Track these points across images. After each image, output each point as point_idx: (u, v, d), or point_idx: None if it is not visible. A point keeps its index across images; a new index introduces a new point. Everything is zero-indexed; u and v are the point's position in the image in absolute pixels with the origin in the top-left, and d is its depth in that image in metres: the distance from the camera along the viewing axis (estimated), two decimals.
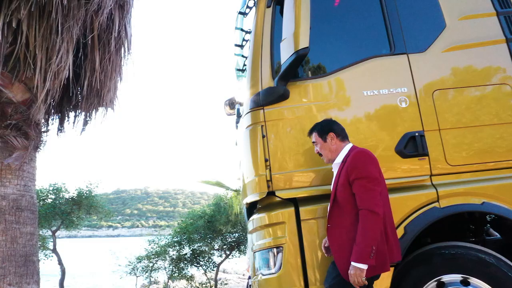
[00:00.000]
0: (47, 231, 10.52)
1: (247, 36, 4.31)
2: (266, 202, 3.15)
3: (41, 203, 10.12)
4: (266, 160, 3.09)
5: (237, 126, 4.29)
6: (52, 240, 10.29)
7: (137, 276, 11.83)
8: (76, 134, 5.83)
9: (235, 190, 10.31)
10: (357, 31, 3.36)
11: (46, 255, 10.24)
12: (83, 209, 10.62)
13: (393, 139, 3.05)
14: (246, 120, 3.30)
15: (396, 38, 3.24)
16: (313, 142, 2.84)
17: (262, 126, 3.14)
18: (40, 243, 10.01)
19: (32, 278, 4.60)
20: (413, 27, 3.28)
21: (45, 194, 10.33)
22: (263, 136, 3.12)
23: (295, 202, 3.03)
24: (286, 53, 2.93)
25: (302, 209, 2.98)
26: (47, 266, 10.79)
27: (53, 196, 10.42)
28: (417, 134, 3.03)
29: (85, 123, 5.89)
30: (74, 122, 5.87)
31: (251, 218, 3.31)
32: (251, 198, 3.23)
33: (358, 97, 3.14)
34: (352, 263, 2.30)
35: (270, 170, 3.07)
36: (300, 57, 2.86)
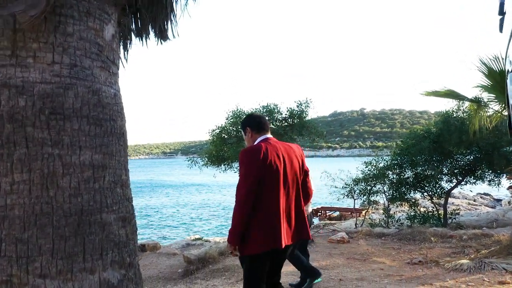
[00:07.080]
0: None
1: None
2: None
3: None
4: None
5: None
6: None
7: (354, 199, 11.42)
8: None
9: (474, 100, 7.57)
10: None
11: None
12: (295, 129, 10.75)
13: None
14: None
15: None
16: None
17: None
18: None
19: (101, 260, 1.99)
20: None
21: None
22: None
23: None
24: None
25: None
26: None
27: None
28: None
29: None
30: None
31: None
32: None
33: None
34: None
35: None
36: None
